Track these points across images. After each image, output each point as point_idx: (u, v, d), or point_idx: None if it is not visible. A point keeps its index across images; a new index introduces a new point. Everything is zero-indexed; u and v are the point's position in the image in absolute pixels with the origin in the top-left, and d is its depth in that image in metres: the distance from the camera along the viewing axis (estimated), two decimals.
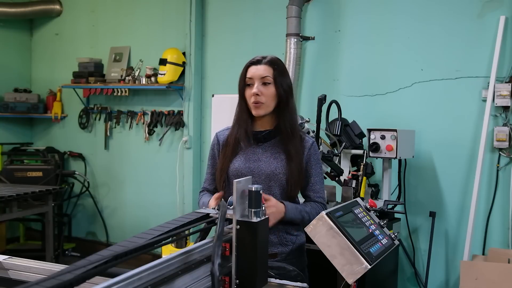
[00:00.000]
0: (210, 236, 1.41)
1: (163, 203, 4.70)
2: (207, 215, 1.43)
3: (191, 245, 1.27)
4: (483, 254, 3.22)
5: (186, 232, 1.35)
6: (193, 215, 1.41)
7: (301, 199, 2.04)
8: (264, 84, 1.93)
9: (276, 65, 1.96)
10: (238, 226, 1.26)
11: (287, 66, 3.72)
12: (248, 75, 1.94)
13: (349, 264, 1.58)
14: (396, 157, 3.12)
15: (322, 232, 1.63)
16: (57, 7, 5.40)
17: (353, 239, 1.62)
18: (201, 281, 1.21)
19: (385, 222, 1.96)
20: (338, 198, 3.15)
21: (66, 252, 4.99)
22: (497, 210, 3.22)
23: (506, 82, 3.20)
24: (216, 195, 1.92)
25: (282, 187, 1.94)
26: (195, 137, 4.52)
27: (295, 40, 3.79)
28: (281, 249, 1.95)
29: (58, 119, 5.32)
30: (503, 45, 3.19)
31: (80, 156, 5.23)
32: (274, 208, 1.83)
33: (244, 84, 1.96)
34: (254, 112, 1.95)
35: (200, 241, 1.38)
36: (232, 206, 1.27)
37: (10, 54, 5.50)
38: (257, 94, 1.91)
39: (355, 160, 3.33)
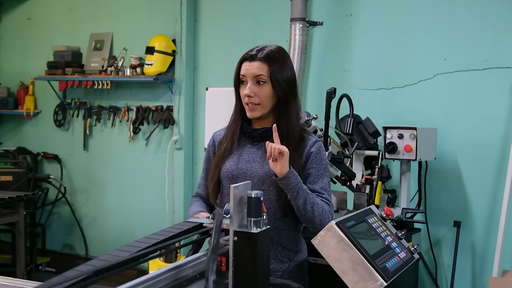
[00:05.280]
0: (203, 249, 1.41)
1: (151, 211, 4.70)
2: (200, 225, 1.43)
3: (182, 260, 1.28)
4: None
5: (177, 244, 1.35)
6: (184, 225, 1.42)
7: None
8: (258, 83, 1.93)
9: (273, 60, 1.93)
10: (236, 238, 1.26)
11: (291, 55, 3.72)
12: (241, 72, 1.95)
13: (363, 281, 1.58)
14: (415, 159, 3.11)
15: (332, 245, 1.63)
16: None
17: (366, 253, 1.62)
18: None
19: (403, 233, 1.97)
20: (350, 205, 3.16)
21: (40, 267, 4.98)
22: None
23: None
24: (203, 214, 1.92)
25: (278, 192, 1.93)
26: (186, 136, 4.52)
27: (301, 25, 3.79)
28: (275, 265, 1.94)
29: (30, 116, 5.32)
30: None
31: (56, 158, 5.22)
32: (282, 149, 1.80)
33: (238, 81, 1.98)
34: (248, 114, 1.97)
35: (192, 254, 1.38)
36: (228, 215, 1.27)
37: None
38: (250, 96, 1.92)
39: (369, 163, 3.33)
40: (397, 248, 1.85)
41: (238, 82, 1.98)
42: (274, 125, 1.84)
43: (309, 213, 1.87)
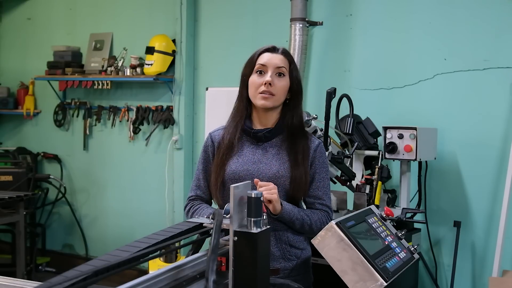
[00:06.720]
0: (203, 249, 1.41)
1: (151, 211, 4.70)
2: (200, 225, 1.43)
3: (182, 260, 1.28)
4: None
5: (176, 244, 1.35)
6: (184, 225, 1.42)
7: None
8: (279, 75, 1.96)
9: (291, 58, 2.02)
10: (236, 238, 1.26)
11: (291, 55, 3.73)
12: (261, 61, 1.97)
13: (362, 281, 1.58)
14: (415, 159, 3.11)
15: (332, 245, 1.63)
16: None
17: (366, 253, 1.62)
18: None
19: (403, 233, 1.97)
20: (350, 205, 3.16)
21: (40, 267, 4.98)
22: None
23: None
24: None
25: (286, 192, 1.96)
26: (186, 136, 4.52)
27: (301, 25, 3.79)
28: (284, 264, 1.97)
29: (30, 116, 5.32)
30: None
31: (56, 158, 5.22)
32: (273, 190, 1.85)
33: (251, 70, 1.97)
34: (260, 103, 1.96)
35: (192, 254, 1.38)
36: (228, 215, 1.27)
37: None
38: (270, 84, 1.93)
39: (369, 163, 3.33)
40: (397, 248, 1.85)
41: (251, 72, 1.98)
42: (256, 179, 1.88)
43: (308, 232, 2.00)
